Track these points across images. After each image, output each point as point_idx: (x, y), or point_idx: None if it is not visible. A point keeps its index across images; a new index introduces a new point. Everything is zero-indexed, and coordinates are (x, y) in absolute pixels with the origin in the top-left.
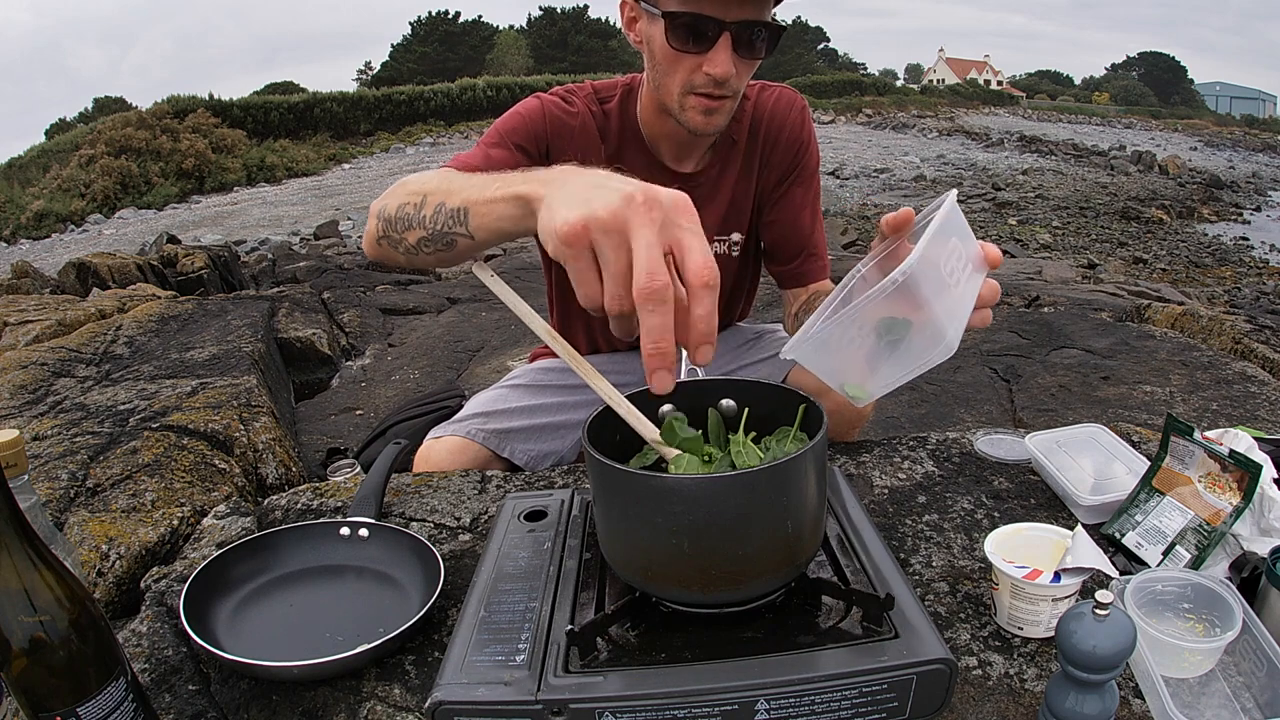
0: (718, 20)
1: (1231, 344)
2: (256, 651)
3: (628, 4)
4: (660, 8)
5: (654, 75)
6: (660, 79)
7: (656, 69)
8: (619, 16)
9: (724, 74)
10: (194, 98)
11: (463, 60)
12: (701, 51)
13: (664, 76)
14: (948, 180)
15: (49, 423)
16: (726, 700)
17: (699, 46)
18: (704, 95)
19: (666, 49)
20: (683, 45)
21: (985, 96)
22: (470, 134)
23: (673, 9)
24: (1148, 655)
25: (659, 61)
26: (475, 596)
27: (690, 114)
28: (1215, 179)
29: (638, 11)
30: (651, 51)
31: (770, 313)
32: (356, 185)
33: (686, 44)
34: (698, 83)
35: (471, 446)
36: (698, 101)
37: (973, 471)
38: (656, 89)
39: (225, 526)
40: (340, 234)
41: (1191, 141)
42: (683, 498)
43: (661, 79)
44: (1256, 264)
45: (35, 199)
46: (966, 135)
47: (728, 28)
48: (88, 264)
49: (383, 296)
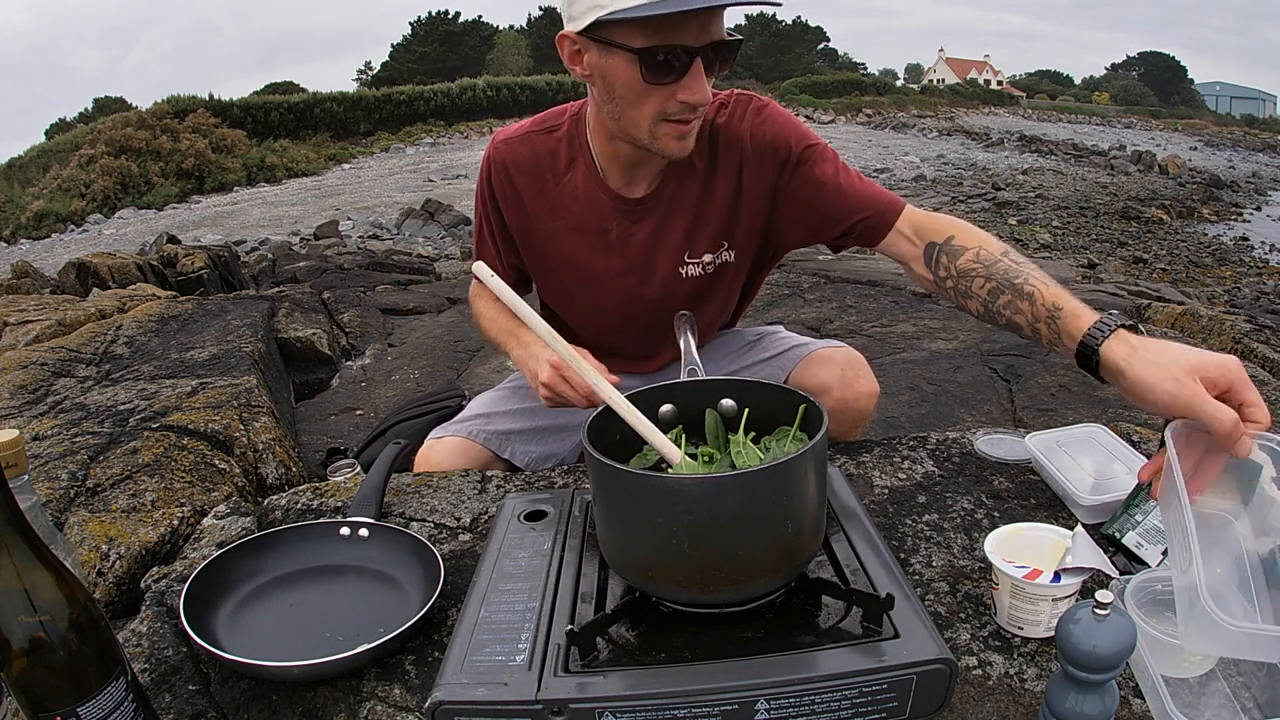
0: (688, 47)
1: (1231, 344)
2: (256, 651)
3: (568, 38)
4: (629, 44)
5: (613, 108)
6: (623, 111)
7: (617, 102)
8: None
9: (702, 99)
10: (194, 98)
11: (463, 60)
12: (675, 80)
13: (629, 109)
14: (948, 180)
15: (49, 423)
16: (726, 700)
17: (673, 76)
18: (677, 121)
19: (636, 83)
20: (658, 78)
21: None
22: (470, 134)
23: (642, 45)
24: (1148, 655)
25: (621, 95)
26: (475, 596)
27: (664, 141)
28: (1215, 179)
29: (584, 45)
30: (609, 85)
31: (770, 313)
32: (356, 185)
33: (661, 76)
34: (671, 110)
35: (473, 447)
36: (671, 128)
37: (973, 471)
38: (614, 120)
39: (225, 526)
40: (340, 234)
41: (1191, 141)
42: (683, 498)
43: (625, 111)
44: (1256, 264)
45: (35, 199)
46: (966, 135)
47: (699, 53)
48: (88, 264)
49: (383, 296)
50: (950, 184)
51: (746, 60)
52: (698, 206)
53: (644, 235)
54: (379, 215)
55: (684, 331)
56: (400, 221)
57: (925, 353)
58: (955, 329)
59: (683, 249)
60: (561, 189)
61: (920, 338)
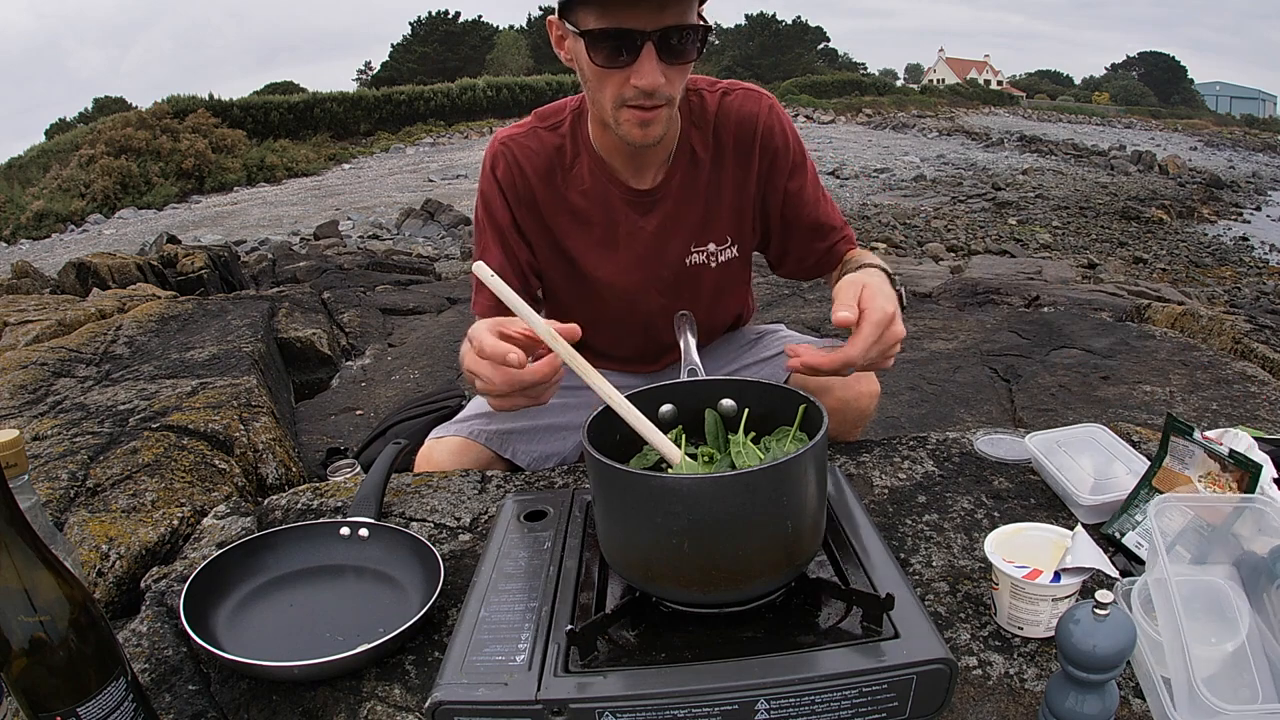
0: (638, 31)
1: (1231, 344)
2: (256, 651)
3: (554, 23)
4: (580, 26)
5: (589, 93)
6: (594, 96)
7: (589, 87)
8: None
9: (651, 85)
10: (194, 98)
11: (463, 60)
12: (627, 65)
13: (595, 93)
14: (948, 180)
15: (49, 423)
16: (726, 700)
17: (623, 60)
18: (636, 108)
19: (593, 66)
20: (607, 61)
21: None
22: (470, 134)
23: (591, 26)
24: (1148, 655)
25: (588, 79)
26: (475, 596)
27: (626, 127)
28: (1215, 179)
29: (564, 30)
30: (580, 69)
31: (770, 313)
32: (356, 185)
33: (611, 59)
34: (628, 96)
35: (473, 447)
36: (631, 114)
37: (973, 471)
38: (592, 104)
39: (225, 526)
40: (340, 234)
41: (1191, 141)
42: (683, 498)
43: (594, 95)
44: (1256, 264)
45: (35, 199)
46: (966, 135)
47: (649, 37)
48: (88, 264)
49: (383, 296)
50: (950, 184)
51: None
52: (706, 198)
53: (653, 227)
54: (379, 215)
55: (684, 331)
56: (400, 221)
57: (925, 353)
58: (955, 329)
59: (690, 242)
60: (568, 185)
61: (920, 338)
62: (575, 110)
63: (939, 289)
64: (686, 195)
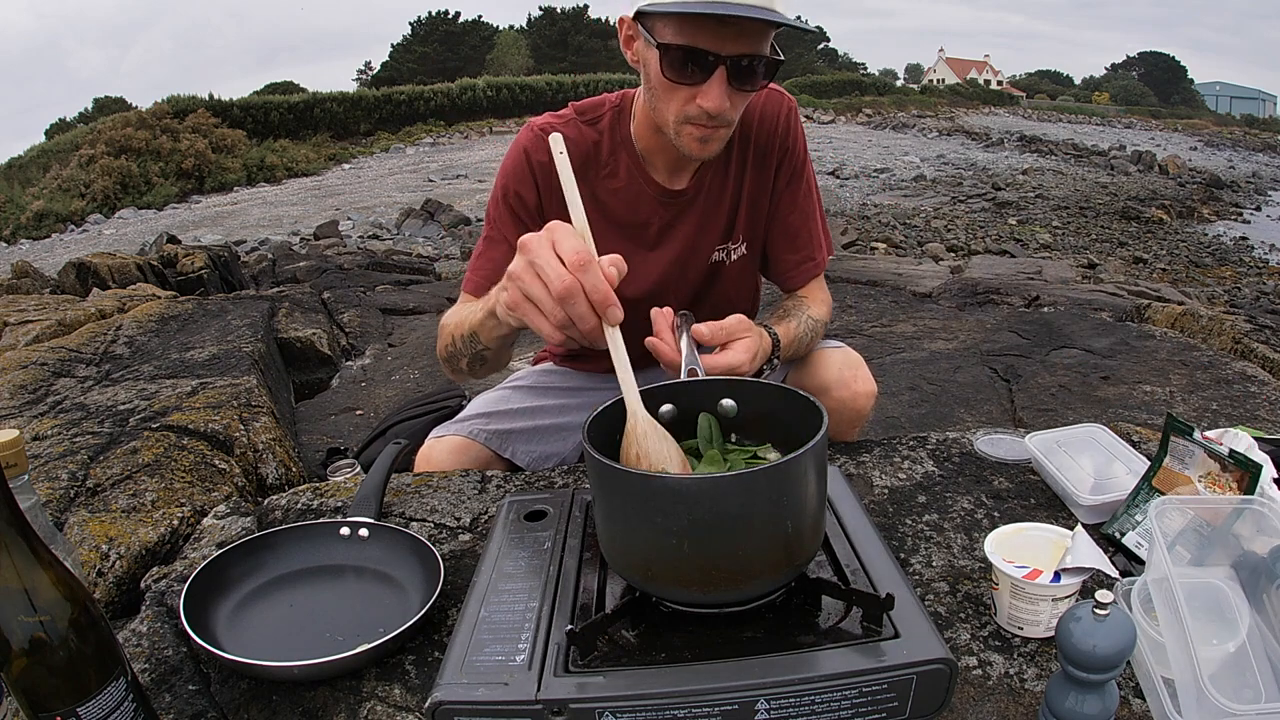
0: (714, 54)
1: (1231, 344)
2: (256, 651)
3: (626, 22)
4: (657, 37)
5: (650, 99)
6: (656, 104)
7: (653, 94)
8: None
9: (717, 109)
10: (194, 98)
11: (463, 60)
12: (696, 84)
13: (659, 103)
14: (948, 180)
15: (49, 423)
16: (726, 700)
17: (694, 79)
18: (697, 124)
19: (661, 78)
20: (678, 77)
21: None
22: (470, 134)
23: (668, 40)
24: (1148, 655)
25: (655, 88)
26: (475, 596)
27: (685, 140)
28: (1215, 179)
29: (636, 32)
30: (647, 76)
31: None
32: (356, 185)
33: (681, 76)
34: (691, 114)
35: (474, 447)
36: (692, 130)
37: (973, 471)
38: (653, 110)
39: (225, 526)
40: (340, 234)
41: (1191, 141)
42: (683, 498)
43: (657, 104)
44: (1256, 264)
45: (35, 199)
46: (966, 135)
47: (723, 61)
48: (88, 264)
49: (383, 296)
50: (950, 184)
51: None
52: (733, 198)
53: (689, 228)
54: (379, 215)
55: (684, 331)
56: (400, 221)
57: (925, 353)
58: (955, 329)
59: (716, 241)
60: (601, 183)
61: (920, 338)
62: (615, 107)
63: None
64: (716, 196)
